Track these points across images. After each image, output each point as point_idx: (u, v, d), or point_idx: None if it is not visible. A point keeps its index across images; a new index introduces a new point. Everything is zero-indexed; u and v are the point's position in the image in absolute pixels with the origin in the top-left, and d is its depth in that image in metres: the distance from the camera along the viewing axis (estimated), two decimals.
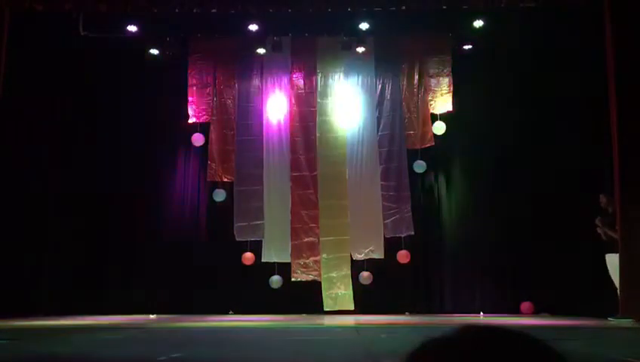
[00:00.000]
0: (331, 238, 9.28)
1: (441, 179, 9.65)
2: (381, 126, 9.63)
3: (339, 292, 9.16)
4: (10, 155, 8.12)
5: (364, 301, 9.07)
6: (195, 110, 9.66)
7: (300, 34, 9.54)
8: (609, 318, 7.22)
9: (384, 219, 9.35)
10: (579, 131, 8.46)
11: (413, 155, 9.47)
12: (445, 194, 9.62)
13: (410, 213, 9.30)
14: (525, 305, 8.75)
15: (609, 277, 7.45)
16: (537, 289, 8.61)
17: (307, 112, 9.74)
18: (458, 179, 9.61)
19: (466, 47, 9.40)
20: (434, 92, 9.54)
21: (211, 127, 9.66)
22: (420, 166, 9.40)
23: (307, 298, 9.06)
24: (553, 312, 8.41)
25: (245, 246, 9.35)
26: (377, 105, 9.70)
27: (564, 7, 8.33)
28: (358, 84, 9.80)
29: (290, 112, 9.73)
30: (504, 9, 8.49)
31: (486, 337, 0.76)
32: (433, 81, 9.57)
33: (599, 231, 7.52)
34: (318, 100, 9.75)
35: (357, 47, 9.45)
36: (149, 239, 9.32)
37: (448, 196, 9.61)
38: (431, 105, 9.52)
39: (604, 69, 7.88)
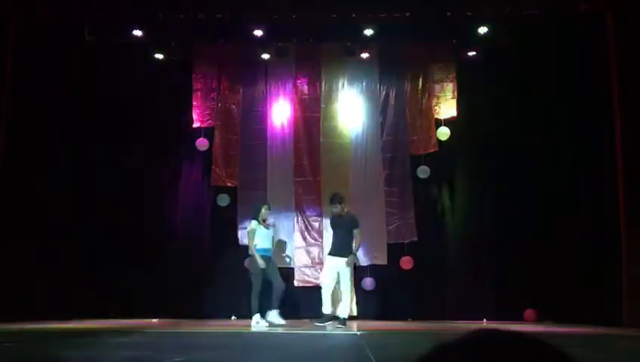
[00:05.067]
0: None
1: (445, 185, 9.63)
2: (385, 132, 9.64)
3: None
4: (15, 157, 8.15)
5: (367, 307, 9.05)
6: (199, 115, 9.69)
7: (304, 40, 9.56)
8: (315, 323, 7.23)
9: (387, 225, 9.34)
10: (583, 136, 8.45)
11: (416, 161, 9.47)
12: (449, 200, 9.61)
13: (414, 219, 9.30)
14: (529, 313, 8.71)
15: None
16: (541, 296, 8.57)
17: (311, 118, 9.76)
18: (462, 184, 9.59)
19: (471, 53, 9.41)
20: (438, 97, 9.55)
21: (215, 132, 9.69)
22: (423, 171, 9.39)
23: (310, 303, 9.05)
24: (557, 320, 8.37)
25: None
26: (381, 110, 9.72)
27: (568, 14, 8.34)
28: (362, 89, 9.81)
29: (294, 118, 9.74)
30: (508, 15, 8.51)
31: (498, 342, 0.76)
32: (437, 86, 9.57)
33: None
34: (322, 106, 9.76)
35: (361, 52, 9.47)
36: (153, 243, 9.32)
37: (452, 202, 9.59)
38: (435, 110, 9.52)
39: (607, 75, 7.88)
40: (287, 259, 9.28)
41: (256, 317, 7.38)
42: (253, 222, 7.73)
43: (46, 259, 8.35)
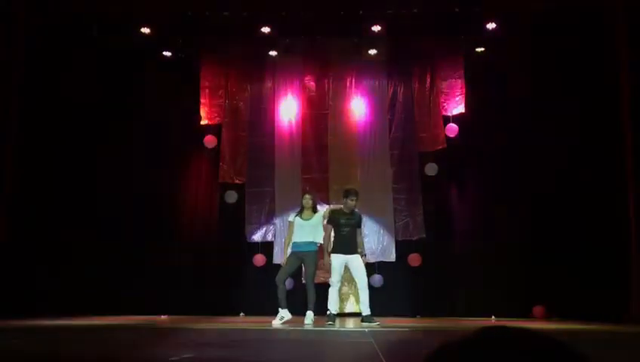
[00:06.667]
0: None
1: (453, 182, 9.61)
2: (393, 128, 9.63)
3: (350, 294, 9.16)
4: (24, 157, 8.19)
5: (375, 304, 9.03)
6: (207, 112, 9.72)
7: (312, 37, 9.56)
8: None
9: (395, 222, 9.34)
10: (592, 133, 8.40)
11: (424, 158, 9.45)
12: (457, 197, 9.58)
13: (422, 216, 9.29)
14: (537, 309, 8.68)
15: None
16: (549, 293, 8.54)
17: (319, 115, 9.77)
18: (470, 181, 9.57)
19: (479, 49, 9.38)
20: (446, 94, 9.53)
21: (223, 129, 9.72)
22: (432, 169, 9.37)
23: (318, 300, 9.05)
24: (565, 316, 8.33)
25: (256, 248, 9.38)
26: (389, 107, 9.71)
27: (577, 10, 8.28)
28: (369, 86, 9.81)
29: (302, 115, 9.75)
30: (516, 11, 8.46)
31: (507, 339, 0.76)
32: (445, 83, 9.55)
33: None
34: (330, 103, 9.77)
35: (369, 49, 9.46)
36: (160, 239, 9.36)
37: (460, 199, 9.56)
38: (443, 107, 9.51)
39: (617, 70, 7.82)
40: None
41: (281, 312, 7.16)
42: (291, 215, 7.46)
43: (55, 256, 8.40)
